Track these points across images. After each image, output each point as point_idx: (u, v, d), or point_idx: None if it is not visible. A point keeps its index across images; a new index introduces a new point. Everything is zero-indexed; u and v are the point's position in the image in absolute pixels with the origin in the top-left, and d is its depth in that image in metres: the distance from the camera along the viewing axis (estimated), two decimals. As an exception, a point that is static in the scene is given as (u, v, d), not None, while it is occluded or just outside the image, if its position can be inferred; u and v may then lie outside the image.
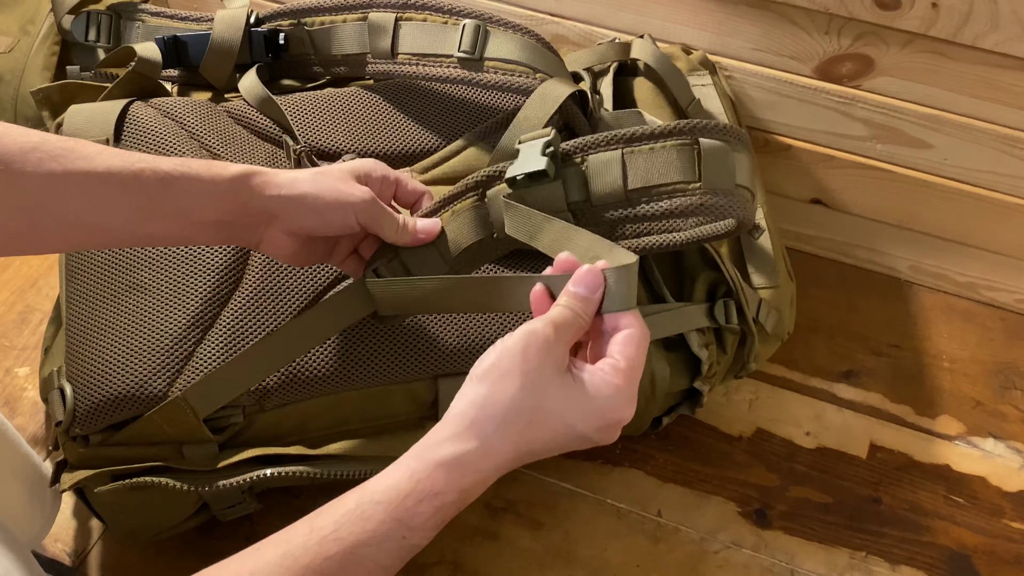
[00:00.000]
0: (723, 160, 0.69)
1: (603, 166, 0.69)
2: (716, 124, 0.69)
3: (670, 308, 0.81)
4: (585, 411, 0.54)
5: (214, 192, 0.62)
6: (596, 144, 0.69)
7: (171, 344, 0.72)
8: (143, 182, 0.60)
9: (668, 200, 0.68)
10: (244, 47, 0.89)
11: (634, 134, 0.68)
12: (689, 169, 0.68)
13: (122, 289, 0.75)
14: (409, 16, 0.85)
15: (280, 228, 0.65)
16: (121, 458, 0.72)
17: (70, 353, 0.74)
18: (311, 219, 0.65)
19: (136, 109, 0.83)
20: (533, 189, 0.68)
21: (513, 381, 0.53)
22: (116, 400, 0.71)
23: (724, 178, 0.69)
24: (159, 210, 0.61)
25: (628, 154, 0.69)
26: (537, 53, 0.83)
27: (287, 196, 0.64)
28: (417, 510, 0.52)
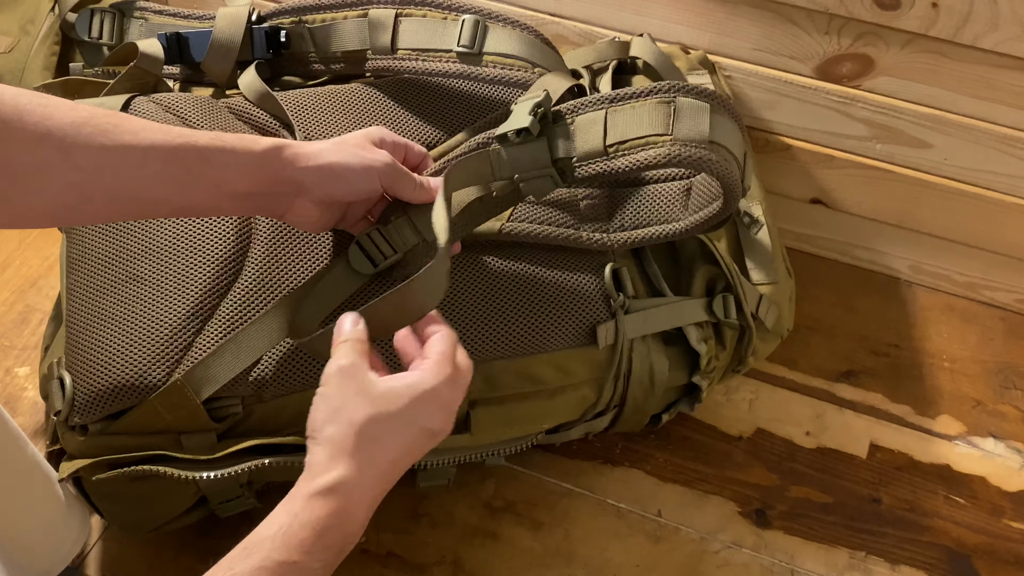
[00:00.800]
0: (697, 116, 0.71)
1: (588, 124, 0.72)
2: (697, 87, 0.71)
3: (668, 302, 0.81)
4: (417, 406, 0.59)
5: (247, 164, 0.65)
6: (585, 104, 0.72)
7: (170, 334, 0.73)
8: (182, 156, 0.63)
9: (642, 152, 0.70)
10: (245, 44, 0.90)
11: (619, 95, 0.71)
12: (662, 123, 0.70)
13: (122, 280, 0.75)
14: (409, 12, 0.86)
15: (309, 198, 0.69)
16: (119, 447, 0.72)
17: (70, 343, 0.74)
18: (339, 187, 0.69)
19: (138, 104, 0.83)
20: (522, 146, 0.71)
21: (344, 413, 0.58)
22: (115, 389, 0.71)
23: (696, 132, 0.70)
24: (198, 182, 0.64)
25: (611, 112, 0.71)
26: (536, 48, 0.83)
27: (316, 167, 0.67)
28: (301, 535, 0.55)
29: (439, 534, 0.86)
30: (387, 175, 0.70)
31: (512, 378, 0.78)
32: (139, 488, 0.74)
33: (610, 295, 0.79)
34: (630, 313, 0.79)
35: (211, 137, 0.65)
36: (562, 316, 0.78)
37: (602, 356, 0.80)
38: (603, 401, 0.83)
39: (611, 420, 0.86)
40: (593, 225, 0.81)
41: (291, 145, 0.67)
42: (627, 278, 0.80)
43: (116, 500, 0.76)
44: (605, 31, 1.04)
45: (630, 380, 0.82)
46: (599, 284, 0.79)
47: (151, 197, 0.64)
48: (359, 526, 0.58)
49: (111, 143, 0.61)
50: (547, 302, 0.78)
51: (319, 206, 0.70)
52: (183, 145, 0.63)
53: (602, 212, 0.82)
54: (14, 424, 0.73)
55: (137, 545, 0.84)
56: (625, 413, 0.85)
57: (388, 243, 0.74)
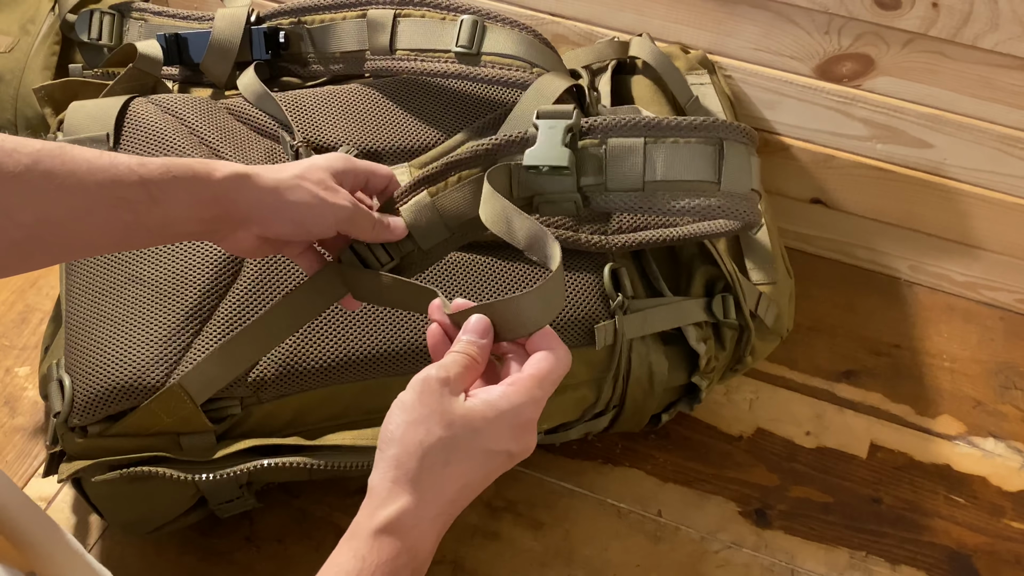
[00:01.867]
0: (744, 163, 0.68)
1: (625, 152, 0.67)
2: (738, 126, 0.68)
3: (667, 302, 0.81)
4: (495, 428, 0.54)
5: (201, 198, 0.60)
6: (618, 127, 0.67)
7: (169, 335, 0.73)
8: (131, 198, 0.58)
9: (686, 199, 0.67)
10: (244, 45, 0.90)
11: (659, 123, 0.67)
12: (711, 169, 0.67)
13: (121, 281, 0.75)
14: (408, 13, 0.86)
15: (253, 231, 0.63)
16: (119, 449, 0.72)
17: (69, 345, 0.74)
18: (289, 228, 0.64)
19: (136, 105, 0.83)
20: (543, 177, 0.67)
21: (417, 430, 0.53)
22: (114, 390, 0.71)
23: (742, 181, 0.68)
24: (144, 225, 0.59)
25: (651, 143, 0.67)
26: (534, 48, 0.83)
27: (270, 204, 0.62)
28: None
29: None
30: (347, 222, 0.65)
31: None
32: (139, 489, 0.74)
33: (609, 295, 0.79)
34: (629, 313, 0.79)
35: (161, 171, 0.59)
36: (561, 317, 0.78)
37: (601, 356, 0.80)
38: (602, 401, 0.83)
39: (611, 420, 0.86)
40: (592, 226, 0.81)
41: (246, 176, 0.62)
42: (626, 278, 0.80)
43: (116, 501, 0.76)
44: (605, 31, 1.04)
45: (629, 380, 0.82)
46: (598, 284, 0.79)
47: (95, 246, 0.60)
48: (427, 555, 0.54)
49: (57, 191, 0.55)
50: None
51: (260, 240, 0.64)
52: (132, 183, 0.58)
53: (600, 213, 0.82)
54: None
55: (137, 545, 0.84)
56: (624, 413, 0.85)
57: (384, 248, 0.70)
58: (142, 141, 0.81)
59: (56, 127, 0.83)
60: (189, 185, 0.59)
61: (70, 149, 0.57)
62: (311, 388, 0.75)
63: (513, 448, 0.55)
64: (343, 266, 0.68)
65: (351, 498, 0.87)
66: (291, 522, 0.86)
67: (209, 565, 0.83)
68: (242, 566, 0.83)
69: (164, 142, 0.80)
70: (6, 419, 0.92)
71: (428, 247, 0.69)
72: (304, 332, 0.75)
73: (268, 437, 0.74)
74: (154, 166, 0.59)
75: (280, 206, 0.62)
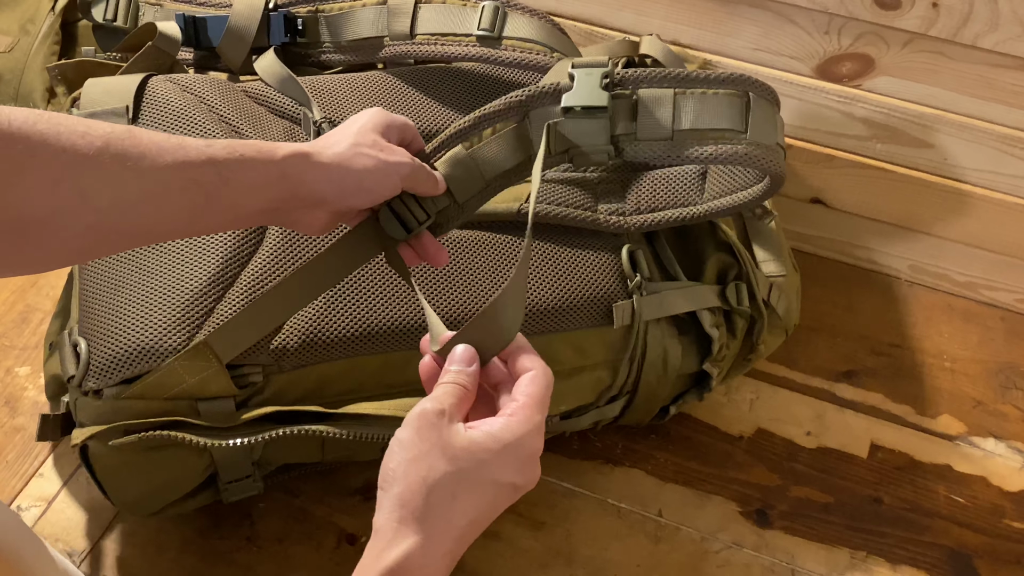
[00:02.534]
0: (770, 115, 0.70)
1: (655, 102, 0.69)
2: (763, 83, 0.70)
3: (683, 286, 0.81)
4: (501, 460, 0.53)
5: (267, 178, 0.60)
6: (649, 78, 0.69)
7: (191, 300, 0.72)
8: (202, 179, 0.57)
9: (714, 145, 0.68)
10: (262, 30, 0.91)
11: (688, 75, 0.69)
12: (739, 119, 0.69)
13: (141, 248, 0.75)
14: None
15: (327, 209, 0.64)
16: (136, 412, 0.71)
17: (84, 310, 0.74)
18: (362, 197, 0.64)
19: (155, 82, 0.82)
20: (580, 121, 0.68)
21: (420, 466, 0.51)
22: (133, 352, 0.70)
23: (768, 133, 0.69)
24: (215, 207, 0.59)
25: (680, 95, 0.69)
26: (553, 35, 0.86)
27: (337, 179, 0.62)
28: None
29: (440, 534, 0.86)
30: (410, 178, 0.65)
31: None
32: (150, 459, 0.73)
33: (627, 275, 0.79)
34: (646, 295, 0.79)
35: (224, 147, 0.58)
36: (580, 296, 0.79)
37: (618, 336, 0.80)
38: (617, 384, 0.83)
39: (622, 408, 0.86)
40: (610, 207, 0.82)
41: (309, 154, 0.62)
42: (643, 260, 0.80)
43: (124, 474, 0.75)
44: (605, 31, 1.04)
45: (644, 364, 0.82)
46: (616, 265, 0.80)
47: (166, 230, 0.59)
48: None
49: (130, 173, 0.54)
50: (565, 282, 0.78)
51: (334, 215, 0.65)
52: (202, 163, 0.57)
53: (617, 193, 0.82)
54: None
55: (137, 545, 0.84)
56: (637, 399, 0.85)
57: (420, 205, 0.68)
58: (161, 117, 0.80)
59: (69, 105, 0.83)
60: (255, 164, 0.59)
61: (138, 132, 0.57)
62: (333, 359, 0.75)
63: (518, 480, 0.54)
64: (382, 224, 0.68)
65: (351, 497, 0.87)
66: (291, 522, 0.86)
67: (209, 565, 0.83)
68: (242, 566, 0.83)
69: (183, 119, 0.80)
70: (6, 419, 0.92)
71: (463, 200, 0.70)
72: (328, 302, 0.74)
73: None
74: (220, 146, 0.59)
75: (348, 178, 0.62)
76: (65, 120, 0.54)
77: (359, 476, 0.88)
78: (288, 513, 0.86)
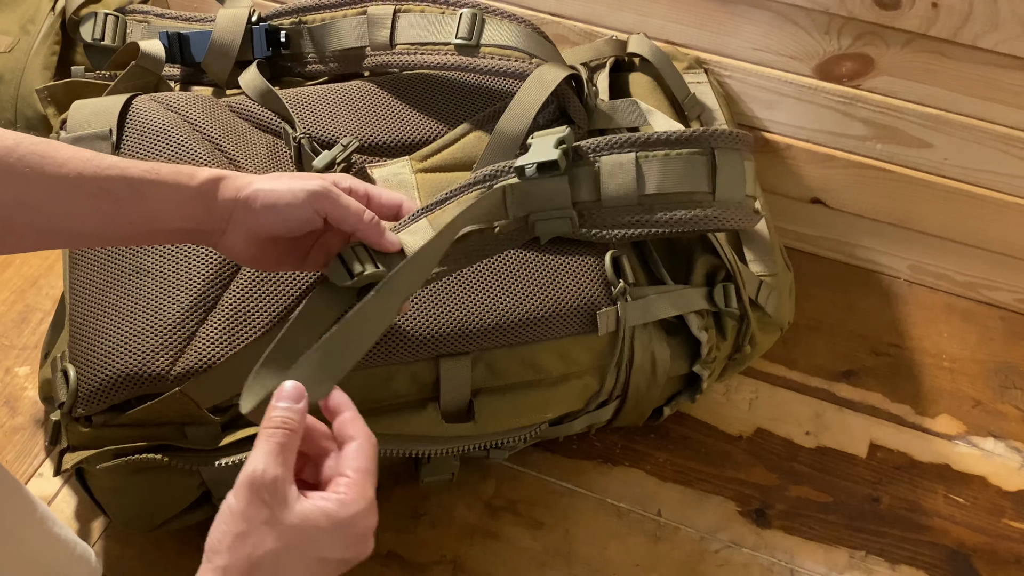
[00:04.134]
0: (737, 170, 0.69)
1: (617, 167, 0.68)
2: (729, 132, 0.69)
3: (669, 290, 0.81)
4: (331, 538, 0.53)
5: (181, 199, 0.62)
6: (610, 145, 0.68)
7: (174, 325, 0.73)
8: (112, 189, 0.60)
9: (683, 210, 0.67)
10: (245, 44, 0.91)
11: (649, 138, 0.68)
12: (704, 179, 0.68)
13: (125, 272, 0.76)
14: (407, 8, 0.87)
15: (238, 232, 0.64)
16: (124, 439, 0.72)
17: (73, 336, 0.75)
18: (268, 218, 0.63)
19: (139, 102, 0.83)
20: (540, 182, 0.67)
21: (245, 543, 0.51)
22: (119, 379, 0.71)
23: (736, 187, 0.69)
24: (126, 217, 0.61)
25: (643, 158, 0.68)
26: (532, 40, 0.84)
27: (243, 198, 0.63)
28: None
29: (439, 533, 0.86)
30: (320, 199, 0.63)
31: (515, 366, 0.78)
32: (142, 481, 0.74)
33: (611, 282, 0.79)
34: (631, 300, 0.79)
35: (145, 169, 0.61)
36: (563, 304, 0.78)
37: (603, 343, 0.80)
38: (606, 390, 0.83)
39: (614, 411, 0.86)
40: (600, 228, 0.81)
41: (226, 176, 0.63)
42: (627, 265, 0.80)
43: (119, 494, 0.76)
44: (605, 31, 1.04)
45: (632, 368, 0.82)
46: (600, 271, 0.79)
47: (78, 231, 0.61)
48: None
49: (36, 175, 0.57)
50: (548, 290, 0.78)
51: (249, 240, 0.64)
52: (114, 177, 0.60)
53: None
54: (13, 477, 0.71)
55: (137, 545, 0.84)
56: (628, 403, 0.85)
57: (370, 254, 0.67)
58: (145, 137, 0.81)
59: (59, 127, 0.84)
60: (171, 184, 0.61)
61: (54, 142, 0.60)
62: None
63: (347, 555, 0.54)
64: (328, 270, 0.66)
65: (351, 498, 0.87)
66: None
67: (209, 565, 0.83)
68: (242, 566, 0.83)
69: (167, 138, 0.81)
70: (6, 419, 0.92)
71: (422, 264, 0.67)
72: None
73: None
74: (141, 167, 0.61)
75: (253, 196, 0.63)
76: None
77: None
78: (288, 513, 0.86)
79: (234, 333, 0.73)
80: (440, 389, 0.77)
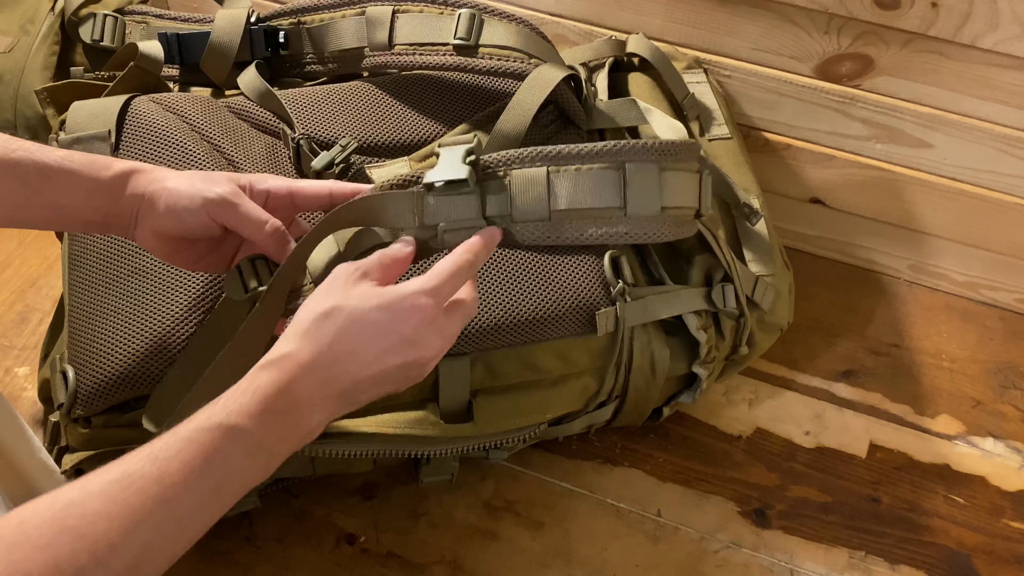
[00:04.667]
0: (651, 184, 0.66)
1: (527, 182, 0.66)
2: (646, 144, 0.66)
3: (668, 290, 0.81)
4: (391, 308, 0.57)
5: (90, 189, 0.63)
6: (521, 159, 0.66)
7: (173, 326, 0.73)
8: (20, 171, 0.61)
9: (594, 227, 0.66)
10: (244, 44, 0.91)
11: (559, 153, 0.65)
12: (613, 194, 0.65)
13: (124, 274, 0.76)
14: (406, 8, 0.87)
15: (144, 229, 0.64)
16: (123, 439, 0.72)
17: (72, 338, 0.75)
18: (168, 219, 0.64)
19: (138, 103, 0.83)
20: (449, 198, 0.65)
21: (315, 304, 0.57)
22: (118, 380, 0.71)
23: (650, 203, 0.66)
24: (35, 200, 0.62)
25: (554, 173, 0.65)
26: (531, 40, 0.84)
27: (147, 195, 0.64)
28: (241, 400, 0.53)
29: (438, 534, 0.86)
30: (218, 209, 0.63)
31: (514, 367, 0.78)
32: None
33: (609, 283, 0.79)
34: (630, 301, 0.79)
35: (60, 156, 0.62)
36: (562, 305, 0.78)
37: (602, 343, 0.80)
38: (605, 390, 0.83)
39: (613, 411, 0.86)
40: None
41: (141, 171, 0.64)
42: (626, 266, 0.80)
43: None
44: (605, 31, 1.04)
45: (631, 369, 0.82)
46: (599, 271, 0.79)
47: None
48: (307, 410, 0.56)
49: None
50: (547, 291, 0.78)
51: (158, 238, 0.65)
52: (22, 160, 0.61)
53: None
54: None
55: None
56: (627, 404, 0.85)
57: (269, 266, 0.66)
58: (143, 138, 0.81)
59: (58, 127, 0.84)
60: (81, 173, 0.62)
61: None
62: None
63: (407, 332, 0.58)
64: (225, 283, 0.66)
65: (350, 498, 0.87)
66: (291, 522, 0.86)
67: (209, 565, 0.83)
68: (242, 566, 0.83)
69: (165, 139, 0.81)
70: (6, 419, 0.92)
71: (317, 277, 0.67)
72: None
73: None
74: (56, 155, 0.62)
75: (156, 194, 0.64)
76: None
77: (358, 476, 0.88)
78: (287, 513, 0.86)
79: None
80: (439, 390, 0.77)
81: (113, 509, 0.47)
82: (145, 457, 0.50)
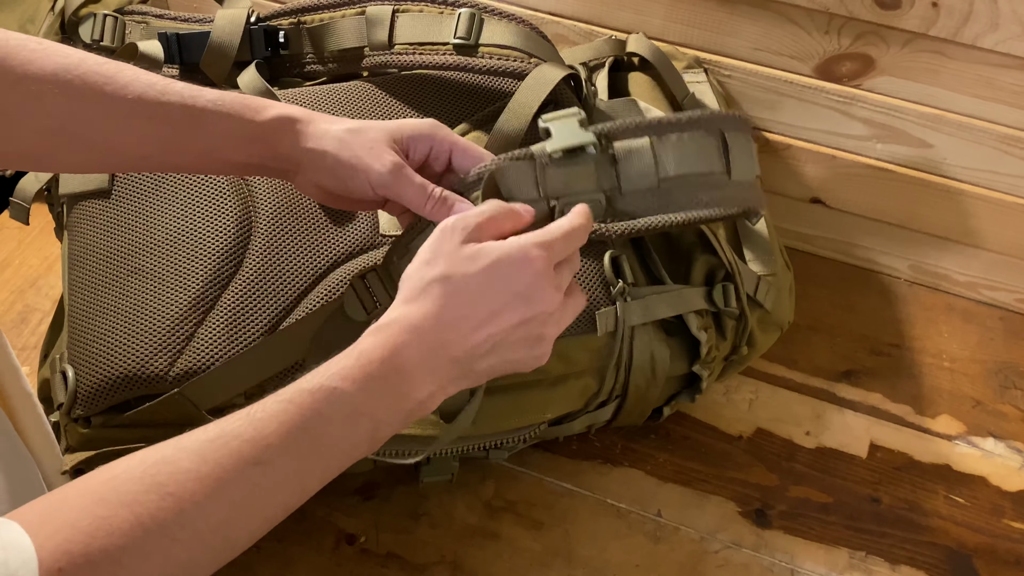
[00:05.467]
0: (747, 150, 0.69)
1: (633, 153, 0.66)
2: (732, 115, 0.69)
3: (668, 290, 0.81)
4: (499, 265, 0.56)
5: (244, 135, 0.61)
6: (623, 130, 0.66)
7: (172, 326, 0.73)
8: (172, 116, 0.59)
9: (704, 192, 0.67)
10: (244, 44, 0.91)
11: (660, 122, 0.67)
12: (719, 160, 0.68)
13: (124, 274, 0.76)
14: (406, 8, 0.87)
15: (307, 179, 0.64)
16: (123, 439, 0.72)
17: (72, 338, 0.75)
18: (330, 180, 0.63)
19: None
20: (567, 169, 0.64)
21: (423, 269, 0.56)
22: (117, 380, 0.71)
23: (749, 168, 0.69)
24: (186, 146, 0.61)
25: (656, 142, 0.66)
26: (531, 40, 0.85)
27: (312, 150, 0.63)
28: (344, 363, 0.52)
29: (439, 534, 0.86)
30: (382, 185, 0.62)
31: None
32: None
33: (610, 282, 0.79)
34: (630, 300, 0.79)
35: (213, 98, 0.60)
36: None
37: (602, 343, 0.80)
38: (605, 390, 0.83)
39: (614, 411, 0.86)
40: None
41: (299, 120, 0.63)
42: (626, 266, 0.80)
43: None
44: (605, 31, 1.04)
45: (632, 369, 0.82)
46: (599, 271, 0.79)
47: (133, 153, 0.61)
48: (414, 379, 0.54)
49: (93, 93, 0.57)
50: None
51: (318, 189, 0.65)
52: (173, 104, 0.59)
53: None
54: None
55: (137, 545, 0.84)
56: (627, 403, 0.85)
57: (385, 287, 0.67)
58: None
59: None
60: (235, 118, 0.60)
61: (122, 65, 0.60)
62: None
63: (519, 287, 0.56)
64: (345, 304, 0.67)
65: (351, 497, 0.87)
66: (291, 522, 0.85)
67: (209, 565, 0.83)
68: (242, 566, 0.82)
69: None
70: (6, 419, 0.92)
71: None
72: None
73: None
74: (207, 96, 0.60)
75: (319, 155, 0.62)
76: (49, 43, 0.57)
77: (358, 476, 0.88)
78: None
79: (233, 334, 0.73)
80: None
81: (204, 469, 0.46)
82: (244, 417, 0.49)
